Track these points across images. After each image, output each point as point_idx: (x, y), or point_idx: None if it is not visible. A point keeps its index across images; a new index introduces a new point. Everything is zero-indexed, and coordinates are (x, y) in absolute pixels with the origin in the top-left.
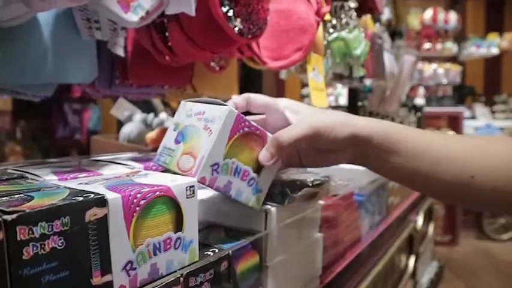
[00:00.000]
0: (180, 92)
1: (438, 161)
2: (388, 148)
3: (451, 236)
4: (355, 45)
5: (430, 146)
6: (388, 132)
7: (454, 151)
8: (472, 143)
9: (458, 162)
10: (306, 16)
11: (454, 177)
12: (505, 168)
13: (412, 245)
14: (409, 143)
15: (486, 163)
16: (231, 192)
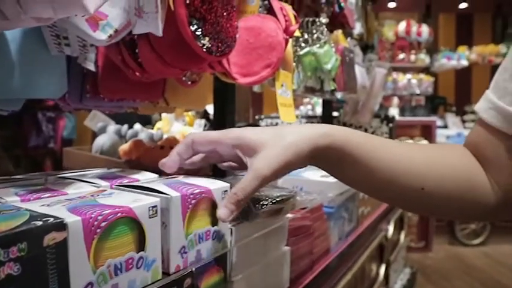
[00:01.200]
0: (154, 105)
1: (394, 174)
2: (346, 158)
3: (424, 242)
4: (325, 59)
5: (388, 161)
6: (348, 143)
7: (409, 163)
8: (425, 154)
9: (411, 175)
10: (275, 34)
11: (407, 188)
12: (452, 177)
13: (382, 253)
14: (368, 154)
15: (435, 174)
16: (202, 255)
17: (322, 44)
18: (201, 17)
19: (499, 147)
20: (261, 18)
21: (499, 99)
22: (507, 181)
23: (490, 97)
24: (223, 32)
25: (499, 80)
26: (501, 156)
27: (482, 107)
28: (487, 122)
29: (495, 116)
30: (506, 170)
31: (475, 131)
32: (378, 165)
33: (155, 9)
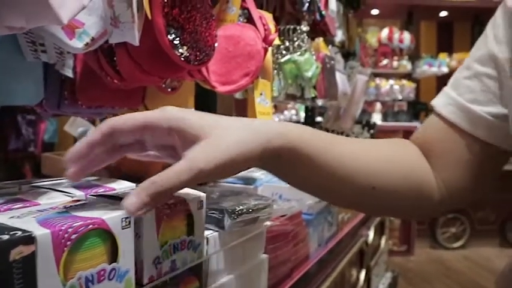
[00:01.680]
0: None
1: (347, 173)
2: (300, 159)
3: (406, 246)
4: (306, 67)
5: (341, 161)
6: (302, 142)
7: (361, 161)
8: (377, 151)
9: (363, 173)
10: (254, 43)
11: (359, 187)
12: (403, 175)
13: (363, 258)
14: (323, 154)
15: (386, 173)
16: (177, 265)
17: (303, 51)
18: (179, 26)
19: (453, 143)
20: (240, 27)
21: (458, 96)
22: (452, 177)
23: (449, 93)
24: (201, 41)
25: (458, 77)
26: (452, 153)
27: (441, 102)
28: (445, 117)
29: (454, 112)
30: (455, 166)
31: (428, 126)
32: (332, 164)
33: (131, 19)
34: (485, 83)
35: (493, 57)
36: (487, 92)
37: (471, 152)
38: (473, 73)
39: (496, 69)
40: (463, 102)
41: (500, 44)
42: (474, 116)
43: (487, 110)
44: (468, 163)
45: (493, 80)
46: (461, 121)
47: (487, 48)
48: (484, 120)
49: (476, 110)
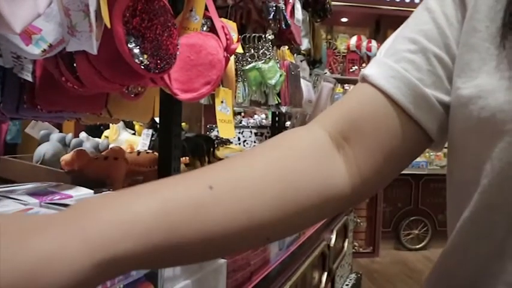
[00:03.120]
0: (97, 116)
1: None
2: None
3: (371, 247)
4: (270, 75)
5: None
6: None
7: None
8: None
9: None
10: (215, 52)
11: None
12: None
13: (325, 261)
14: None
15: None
16: (131, 272)
17: (267, 60)
18: (140, 35)
19: (386, 120)
20: (203, 36)
21: (404, 70)
22: (373, 160)
23: (392, 64)
24: (162, 49)
25: (400, 49)
26: (382, 133)
27: (380, 73)
28: (386, 91)
29: (398, 87)
30: (381, 148)
31: (363, 99)
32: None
33: (89, 29)
34: (432, 63)
35: (443, 36)
36: (432, 74)
37: (404, 136)
38: (419, 48)
39: (446, 52)
40: (412, 79)
41: (451, 26)
42: (422, 98)
43: (434, 93)
44: (396, 147)
45: (440, 62)
46: (407, 100)
47: (437, 24)
48: (431, 104)
49: (426, 92)
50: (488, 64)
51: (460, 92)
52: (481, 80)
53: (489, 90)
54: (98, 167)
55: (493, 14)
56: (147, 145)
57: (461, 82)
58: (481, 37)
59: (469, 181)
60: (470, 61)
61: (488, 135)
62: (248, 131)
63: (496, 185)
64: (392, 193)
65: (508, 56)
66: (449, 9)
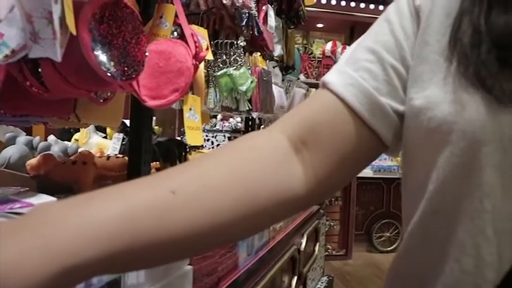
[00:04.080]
0: (65, 120)
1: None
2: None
3: (345, 250)
4: (241, 81)
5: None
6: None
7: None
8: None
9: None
10: (184, 59)
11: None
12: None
13: (295, 265)
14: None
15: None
16: (93, 281)
17: (238, 66)
18: (107, 41)
19: (342, 127)
20: (172, 43)
21: (362, 79)
22: (329, 165)
23: (351, 73)
24: (130, 56)
25: (359, 58)
26: (339, 138)
27: (339, 80)
28: (344, 99)
29: (356, 95)
30: (337, 153)
31: (322, 105)
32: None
33: (52, 36)
34: (389, 73)
35: (400, 48)
36: (389, 84)
37: (359, 142)
38: (377, 58)
39: (402, 63)
40: (368, 88)
41: (407, 39)
42: (377, 106)
43: (389, 102)
44: (351, 152)
45: (396, 72)
46: (363, 108)
47: (394, 36)
48: (386, 112)
49: (381, 100)
50: (437, 76)
51: (412, 103)
52: (430, 91)
53: (436, 102)
54: (66, 171)
55: (443, 29)
56: (118, 149)
57: (414, 92)
58: (432, 50)
59: (418, 187)
60: (422, 73)
61: (434, 144)
62: (222, 135)
63: (439, 192)
64: (365, 197)
65: (454, 69)
66: (407, 22)
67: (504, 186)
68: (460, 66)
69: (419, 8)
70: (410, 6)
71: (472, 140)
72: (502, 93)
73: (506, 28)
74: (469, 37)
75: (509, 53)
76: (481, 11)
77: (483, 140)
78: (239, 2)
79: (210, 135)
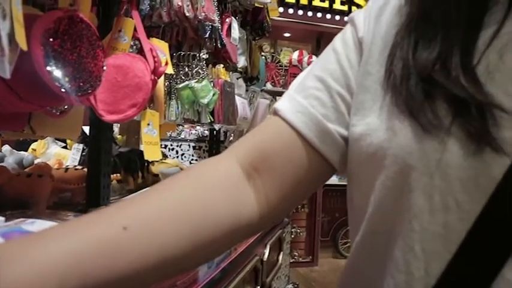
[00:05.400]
0: (20, 132)
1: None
2: None
3: (311, 257)
4: (202, 94)
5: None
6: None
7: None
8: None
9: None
10: (142, 75)
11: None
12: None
13: (257, 276)
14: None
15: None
16: None
17: (200, 79)
18: (61, 57)
19: (293, 153)
20: (130, 57)
21: (311, 106)
22: (281, 191)
23: (300, 100)
24: (86, 71)
25: (308, 86)
26: (290, 164)
27: (289, 108)
28: (294, 126)
29: (305, 122)
30: (288, 179)
31: (272, 132)
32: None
33: (1, 53)
34: (336, 100)
35: (345, 77)
36: (336, 110)
37: (310, 167)
38: (325, 86)
39: (347, 91)
40: (317, 115)
41: (352, 69)
42: (326, 133)
43: (337, 128)
44: (302, 177)
45: (343, 100)
46: (313, 135)
47: (340, 66)
48: (334, 138)
49: (329, 127)
50: (376, 105)
51: (354, 129)
52: (370, 119)
53: (374, 129)
54: (20, 184)
55: (382, 60)
56: (78, 160)
57: (356, 120)
58: (373, 79)
59: (360, 208)
60: (364, 101)
61: (372, 169)
62: (187, 144)
63: (377, 213)
64: (331, 203)
65: (388, 98)
66: (352, 53)
67: (431, 209)
68: (393, 96)
69: (361, 39)
70: (354, 37)
71: (402, 165)
72: (427, 122)
73: (427, 62)
74: (400, 70)
75: (431, 86)
76: (409, 45)
77: (412, 165)
78: (201, 15)
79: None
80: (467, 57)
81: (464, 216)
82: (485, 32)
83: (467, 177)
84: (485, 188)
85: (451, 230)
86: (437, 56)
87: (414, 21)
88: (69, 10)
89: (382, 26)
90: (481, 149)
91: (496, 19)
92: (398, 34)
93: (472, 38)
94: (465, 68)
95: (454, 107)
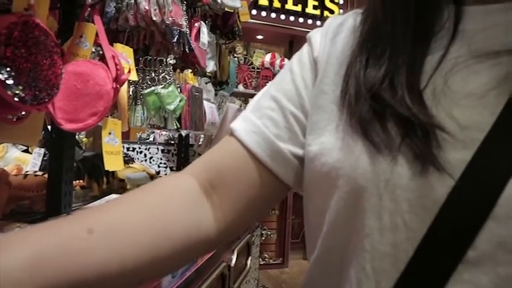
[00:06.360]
0: None
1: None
2: None
3: (281, 258)
4: (169, 100)
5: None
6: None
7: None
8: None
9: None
10: (103, 83)
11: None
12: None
13: (224, 282)
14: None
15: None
16: None
17: (167, 84)
18: (13, 65)
19: (248, 173)
20: (91, 64)
21: (264, 126)
22: (236, 209)
23: (254, 120)
24: (42, 79)
25: (263, 106)
26: (244, 183)
27: (243, 128)
28: (247, 146)
29: (257, 142)
30: (243, 197)
31: (226, 151)
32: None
33: None
34: (289, 120)
35: (299, 97)
36: (289, 130)
37: (263, 185)
38: (279, 106)
39: (301, 110)
40: (269, 135)
41: (306, 89)
42: (278, 152)
43: (290, 148)
44: (257, 195)
45: (296, 120)
46: (265, 154)
47: (295, 86)
48: (286, 158)
49: (281, 147)
50: (331, 124)
51: (310, 148)
52: (324, 138)
53: (328, 149)
54: None
55: (338, 79)
56: (38, 166)
57: (311, 139)
58: (328, 99)
59: (316, 227)
60: (319, 120)
61: (327, 188)
62: (155, 147)
63: (332, 232)
64: (301, 205)
65: (344, 118)
66: (307, 73)
67: (380, 229)
68: (347, 115)
69: (316, 59)
70: (310, 57)
71: (354, 185)
72: (379, 141)
73: (376, 80)
74: (354, 88)
75: (380, 105)
76: (361, 63)
77: (363, 185)
78: (169, 20)
79: (143, 147)
80: (413, 77)
81: (411, 236)
82: (432, 57)
83: (414, 197)
84: (430, 208)
85: (399, 249)
86: (385, 74)
87: (366, 39)
88: (24, 15)
89: (338, 46)
90: (426, 170)
91: (442, 44)
92: (352, 53)
93: (419, 59)
94: (410, 88)
95: (403, 127)
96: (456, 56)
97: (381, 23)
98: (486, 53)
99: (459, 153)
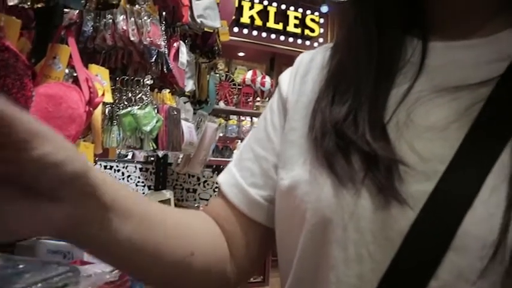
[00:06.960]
0: None
1: (165, 239)
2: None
3: (262, 276)
4: (145, 121)
5: (159, 218)
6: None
7: (176, 227)
8: (187, 219)
9: (182, 239)
10: (76, 106)
11: (176, 256)
12: (213, 246)
13: None
14: (141, 209)
15: (201, 240)
16: None
17: (143, 105)
18: None
19: (236, 225)
20: (64, 87)
21: (241, 178)
22: (239, 258)
23: (234, 173)
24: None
25: (242, 157)
26: (237, 234)
27: (226, 181)
28: (229, 199)
29: (236, 194)
30: (241, 248)
31: (218, 201)
32: (153, 225)
33: None
34: (263, 166)
35: (271, 142)
36: (264, 176)
37: (253, 234)
38: (255, 156)
39: (273, 154)
40: (244, 186)
41: (275, 132)
42: (252, 200)
43: (263, 193)
44: (251, 244)
45: (270, 164)
46: (242, 204)
47: (266, 132)
48: (261, 204)
49: (253, 194)
50: (301, 158)
51: (282, 182)
52: (295, 172)
53: (299, 181)
54: None
55: (306, 114)
56: None
57: (284, 173)
58: (298, 134)
59: (288, 258)
60: (292, 155)
61: (297, 222)
62: (133, 165)
63: (301, 264)
64: None
65: (311, 152)
66: (275, 117)
67: (346, 260)
68: (314, 150)
69: (286, 99)
70: (278, 100)
71: (321, 217)
72: (343, 174)
73: (340, 116)
74: (320, 124)
75: (344, 140)
76: (328, 99)
77: (329, 217)
78: (147, 40)
79: (120, 165)
80: (376, 113)
81: (376, 267)
82: (397, 91)
83: (378, 229)
84: (394, 240)
85: (364, 281)
86: (348, 111)
87: (333, 75)
88: None
89: (308, 83)
90: (388, 203)
91: (406, 78)
92: (320, 89)
93: (383, 94)
94: (372, 124)
95: (366, 162)
96: (420, 90)
97: (346, 60)
98: (446, 88)
99: (421, 185)
